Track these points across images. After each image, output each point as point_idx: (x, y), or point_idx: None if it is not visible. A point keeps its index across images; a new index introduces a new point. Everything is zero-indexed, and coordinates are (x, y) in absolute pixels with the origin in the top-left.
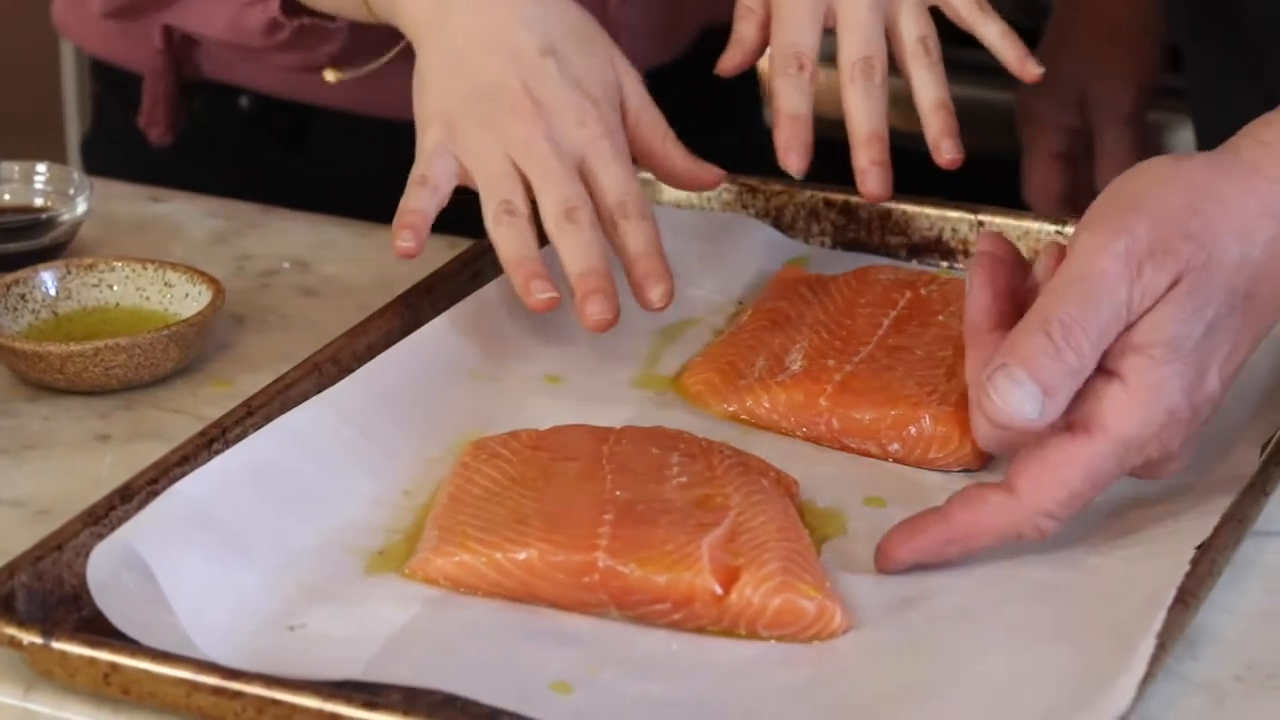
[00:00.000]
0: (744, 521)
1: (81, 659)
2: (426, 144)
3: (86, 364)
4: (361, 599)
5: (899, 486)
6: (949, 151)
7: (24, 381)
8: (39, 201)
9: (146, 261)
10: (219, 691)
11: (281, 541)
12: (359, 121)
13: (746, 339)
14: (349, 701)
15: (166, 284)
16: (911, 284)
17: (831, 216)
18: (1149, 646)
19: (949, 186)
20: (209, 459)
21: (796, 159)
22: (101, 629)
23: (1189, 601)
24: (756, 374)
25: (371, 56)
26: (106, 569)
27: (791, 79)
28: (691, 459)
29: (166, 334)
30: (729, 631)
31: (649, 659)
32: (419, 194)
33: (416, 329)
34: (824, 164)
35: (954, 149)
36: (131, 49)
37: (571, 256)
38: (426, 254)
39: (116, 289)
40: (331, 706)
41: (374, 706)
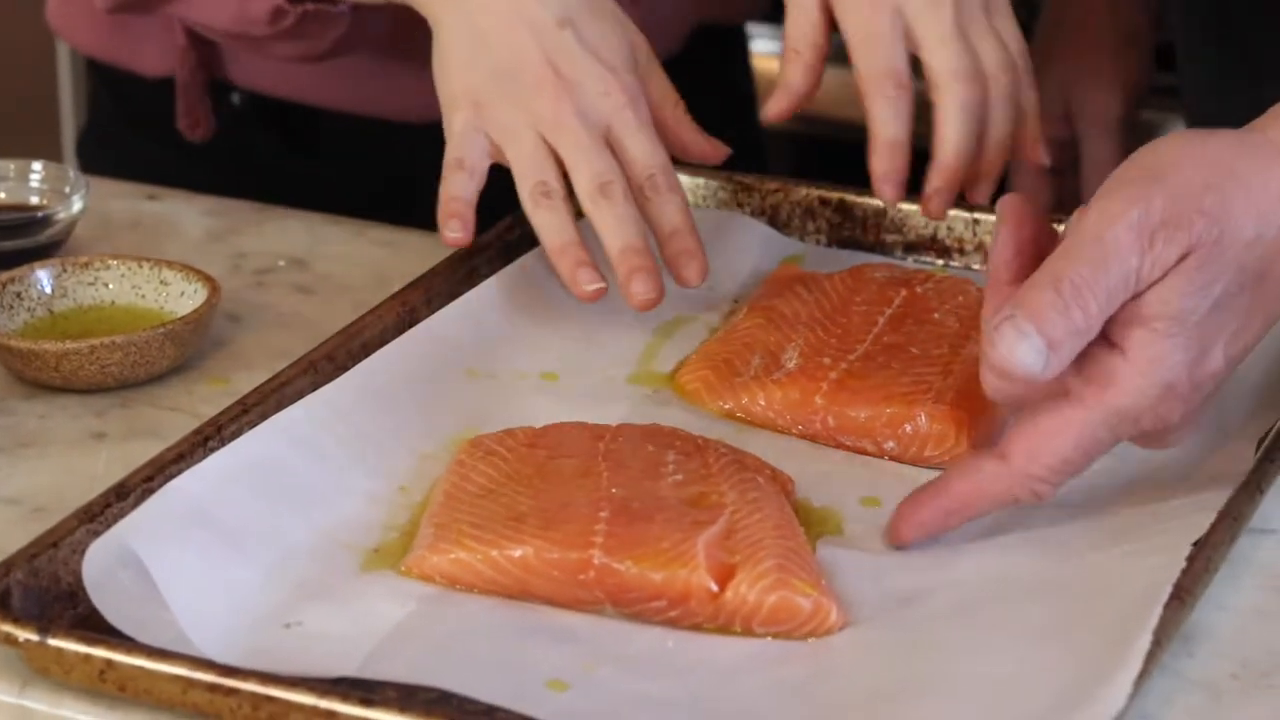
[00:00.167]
0: (739, 519)
1: (77, 656)
2: (456, 125)
3: (82, 362)
4: (357, 596)
5: (895, 484)
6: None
7: (20, 380)
8: (34, 200)
9: (142, 260)
10: (214, 688)
11: (277, 539)
12: (353, 120)
13: (742, 337)
14: (345, 699)
15: (162, 282)
16: (907, 282)
17: (827, 214)
18: (1145, 643)
19: None
20: (205, 457)
21: (894, 190)
22: (97, 626)
23: (1185, 599)
24: (752, 372)
25: (375, 44)
26: (102, 566)
27: (890, 101)
28: (687, 457)
29: (162, 332)
30: (725, 629)
31: (645, 656)
32: (458, 179)
33: (412, 326)
34: (819, 162)
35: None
36: (137, 51)
37: (610, 233)
38: (422, 251)
39: (112, 287)
40: (327, 703)
41: (370, 704)
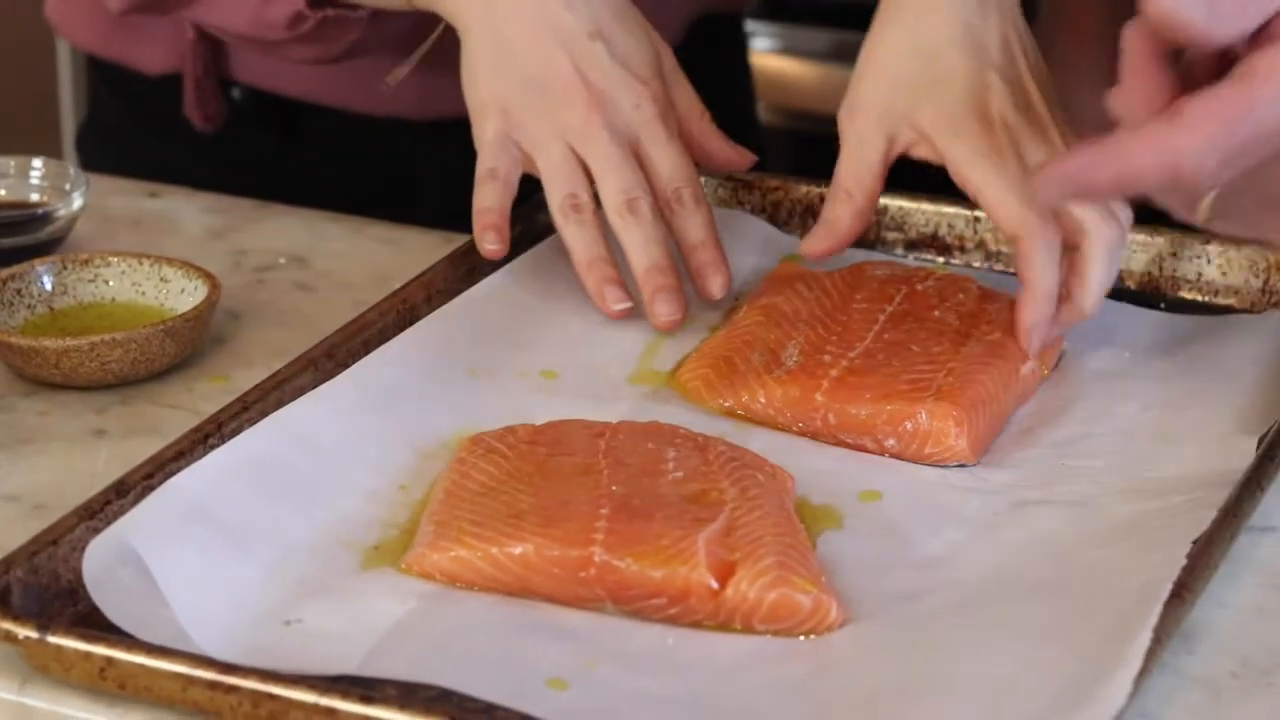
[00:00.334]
0: (740, 516)
1: (77, 653)
2: (487, 134)
3: (82, 359)
4: (357, 594)
5: (895, 481)
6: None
7: (20, 377)
8: (35, 197)
9: (142, 256)
10: (215, 686)
11: (277, 536)
12: (354, 118)
13: (743, 334)
14: (345, 696)
15: (162, 279)
16: (908, 279)
17: None
18: (1145, 641)
19: (944, 183)
20: (205, 454)
21: (1039, 340)
22: (97, 624)
23: (1185, 596)
24: (753, 369)
25: (391, 44)
26: (102, 564)
27: (1050, 247)
28: (687, 454)
29: (162, 329)
30: (725, 626)
31: (645, 654)
32: (491, 190)
33: (412, 324)
34: (819, 159)
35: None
36: (138, 48)
37: (636, 251)
38: (421, 249)
39: (112, 284)
40: (327, 701)
41: (370, 701)
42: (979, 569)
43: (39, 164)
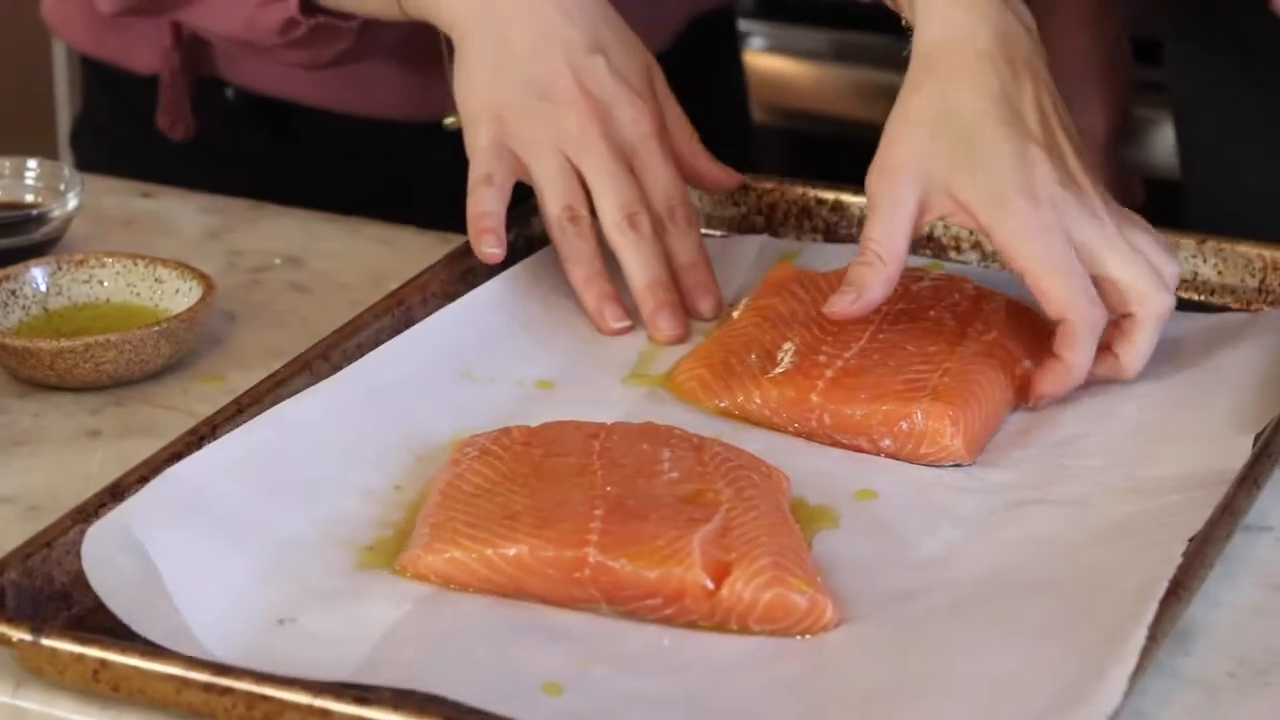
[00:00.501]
0: (735, 517)
1: (71, 656)
2: (481, 140)
3: (77, 360)
4: (352, 595)
5: (891, 481)
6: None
7: (14, 378)
8: (29, 197)
9: (137, 257)
10: (209, 688)
11: (272, 532)
12: (349, 120)
13: (739, 335)
14: (339, 697)
15: (157, 280)
16: (903, 280)
17: (824, 214)
18: (1140, 639)
19: None
20: None
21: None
22: (91, 626)
23: (1181, 594)
24: (748, 370)
25: (380, 53)
26: (101, 551)
27: (1095, 332)
28: (683, 455)
29: (157, 330)
30: (720, 627)
31: (640, 655)
32: (487, 195)
33: (408, 326)
34: (817, 161)
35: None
36: (130, 48)
37: (637, 266)
38: (418, 249)
39: (107, 285)
40: (321, 702)
41: (364, 703)
42: (975, 569)
43: (34, 165)
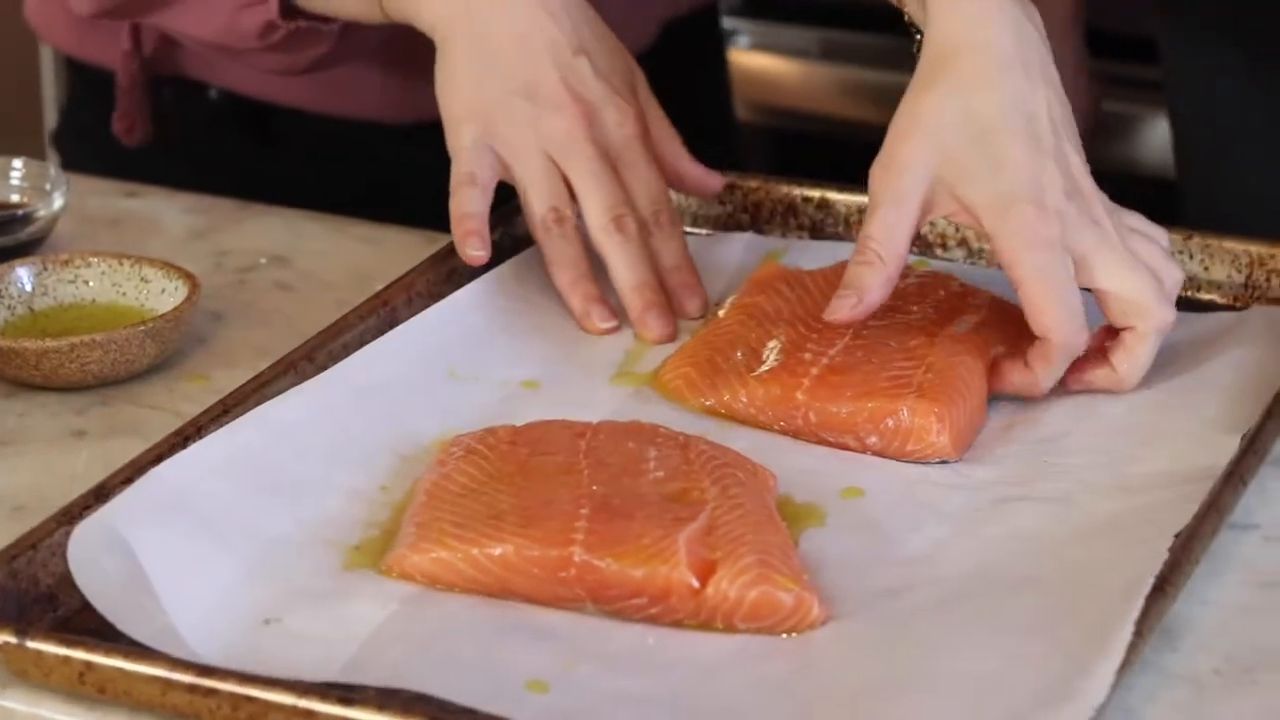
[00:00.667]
0: (721, 515)
1: (56, 658)
2: (464, 141)
3: (62, 360)
4: (338, 595)
5: (877, 479)
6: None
7: None
8: (14, 197)
9: (123, 257)
10: (194, 689)
11: (258, 532)
12: (328, 121)
13: (724, 334)
14: (324, 698)
15: (143, 279)
16: None
17: (809, 212)
18: (1127, 635)
19: None
20: None
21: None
22: (77, 628)
23: (1167, 589)
24: (734, 368)
25: (358, 58)
26: (87, 550)
27: (1075, 352)
28: (669, 453)
29: (143, 330)
30: (706, 625)
31: (626, 654)
32: (470, 196)
33: (393, 326)
34: (804, 160)
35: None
36: (104, 47)
37: (625, 268)
38: (403, 248)
39: (92, 285)
40: (306, 703)
41: (349, 703)
42: (961, 566)
43: (19, 164)
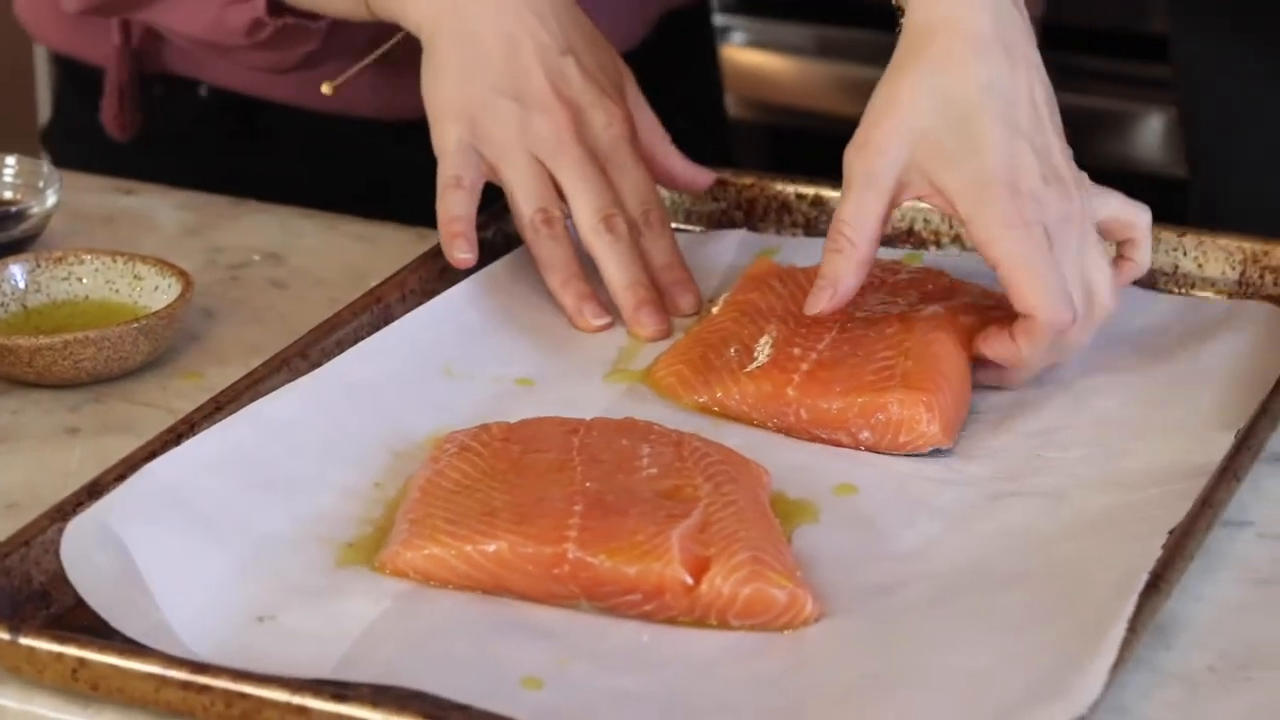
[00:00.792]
0: (714, 512)
1: (49, 655)
2: (449, 142)
3: (55, 357)
4: (332, 592)
5: (871, 475)
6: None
7: None
8: (8, 194)
9: (116, 254)
10: (187, 686)
11: (252, 529)
12: (318, 118)
13: (717, 331)
14: (317, 694)
15: (136, 277)
16: (882, 273)
17: (803, 209)
18: (1120, 632)
19: None
20: None
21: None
22: (70, 625)
23: (1161, 586)
24: (727, 365)
25: (345, 56)
26: (80, 546)
27: (1051, 332)
28: (662, 450)
29: (136, 327)
30: (700, 622)
31: (620, 651)
32: (457, 198)
33: (386, 323)
34: (797, 157)
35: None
36: (93, 44)
37: (616, 267)
38: (396, 245)
39: (86, 282)
40: (299, 700)
41: (342, 699)
42: (954, 562)
43: (12, 161)
